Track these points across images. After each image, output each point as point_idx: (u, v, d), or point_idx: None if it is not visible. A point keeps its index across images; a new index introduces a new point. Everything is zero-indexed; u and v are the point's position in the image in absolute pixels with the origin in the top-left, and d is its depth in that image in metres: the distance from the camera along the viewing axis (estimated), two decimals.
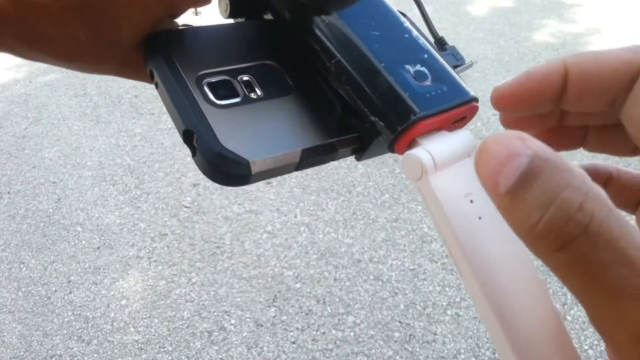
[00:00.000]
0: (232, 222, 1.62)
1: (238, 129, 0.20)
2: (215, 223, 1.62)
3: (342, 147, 0.22)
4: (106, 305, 1.39)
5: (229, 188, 1.75)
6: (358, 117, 0.22)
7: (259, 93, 0.22)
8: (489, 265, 0.19)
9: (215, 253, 1.52)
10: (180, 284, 1.43)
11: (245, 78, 0.22)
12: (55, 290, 1.43)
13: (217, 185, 1.79)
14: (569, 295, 1.37)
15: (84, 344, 1.30)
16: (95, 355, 1.27)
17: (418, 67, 0.22)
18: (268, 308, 1.36)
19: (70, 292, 1.43)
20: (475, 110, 0.22)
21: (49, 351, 1.28)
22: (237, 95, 0.21)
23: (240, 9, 0.26)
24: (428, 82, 0.22)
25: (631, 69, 0.17)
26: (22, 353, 1.29)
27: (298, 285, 1.42)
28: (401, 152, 0.21)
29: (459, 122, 0.23)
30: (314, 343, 1.28)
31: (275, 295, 1.39)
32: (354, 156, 0.24)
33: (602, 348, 1.25)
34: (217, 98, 0.21)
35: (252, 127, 0.21)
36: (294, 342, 1.28)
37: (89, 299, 1.40)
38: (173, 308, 1.37)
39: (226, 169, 0.19)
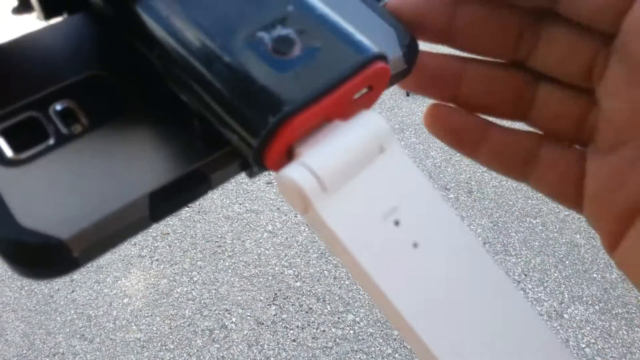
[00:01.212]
0: (233, 222, 1.63)
1: (47, 191, 0.13)
2: (216, 222, 1.63)
3: (216, 170, 0.15)
4: (108, 303, 1.39)
5: (230, 187, 1.76)
6: None
7: (84, 123, 0.14)
8: (443, 317, 0.13)
9: (217, 252, 1.53)
10: (182, 283, 1.44)
11: (60, 107, 0.14)
12: (58, 289, 1.44)
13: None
14: (566, 294, 1.38)
15: (86, 342, 1.30)
16: (98, 353, 1.27)
17: (279, 29, 0.14)
18: (269, 306, 1.37)
19: (73, 291, 1.43)
20: (385, 73, 0.14)
21: (52, 349, 1.29)
22: (46, 137, 0.14)
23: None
24: (296, 51, 0.14)
25: None
26: (25, 351, 1.29)
27: (298, 284, 1.42)
28: (277, 169, 0.14)
29: (364, 99, 0.15)
30: (314, 341, 1.29)
31: (275, 294, 1.40)
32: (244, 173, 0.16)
33: (600, 346, 1.26)
34: (17, 150, 0.14)
35: (69, 181, 0.14)
36: (294, 340, 1.29)
37: (92, 298, 1.41)
38: (175, 306, 1.38)
39: (31, 260, 0.13)
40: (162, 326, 1.33)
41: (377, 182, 0.14)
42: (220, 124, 0.14)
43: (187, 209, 1.69)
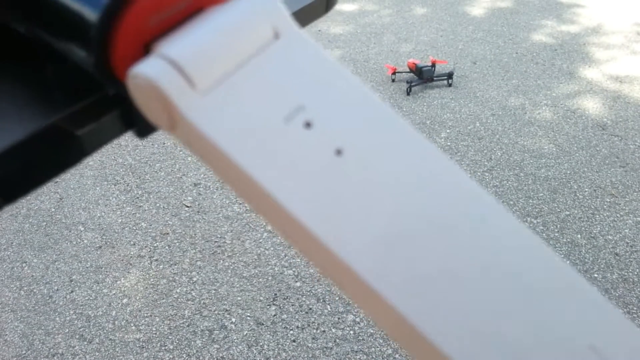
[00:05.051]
0: (232, 221, 1.63)
1: None
2: (216, 222, 1.63)
3: (84, 125, 0.11)
4: (108, 304, 1.39)
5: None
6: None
7: None
8: (377, 237, 0.10)
9: (216, 252, 1.52)
10: (182, 283, 1.43)
11: None
12: (57, 289, 1.44)
13: (218, 184, 1.80)
14: None
15: (85, 343, 1.30)
16: (97, 353, 1.27)
17: None
18: (268, 307, 1.36)
19: (72, 291, 1.43)
20: None
21: (51, 350, 1.29)
22: None
23: None
24: None
25: None
26: (24, 352, 1.29)
27: (298, 284, 1.42)
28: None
29: None
30: (314, 341, 1.28)
31: (275, 294, 1.40)
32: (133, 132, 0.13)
33: None
34: None
35: None
36: (294, 341, 1.28)
37: (91, 298, 1.41)
38: (174, 307, 1.37)
39: None
40: (162, 326, 1.32)
41: (272, 76, 0.10)
42: (52, 32, 0.11)
43: (186, 208, 1.69)
